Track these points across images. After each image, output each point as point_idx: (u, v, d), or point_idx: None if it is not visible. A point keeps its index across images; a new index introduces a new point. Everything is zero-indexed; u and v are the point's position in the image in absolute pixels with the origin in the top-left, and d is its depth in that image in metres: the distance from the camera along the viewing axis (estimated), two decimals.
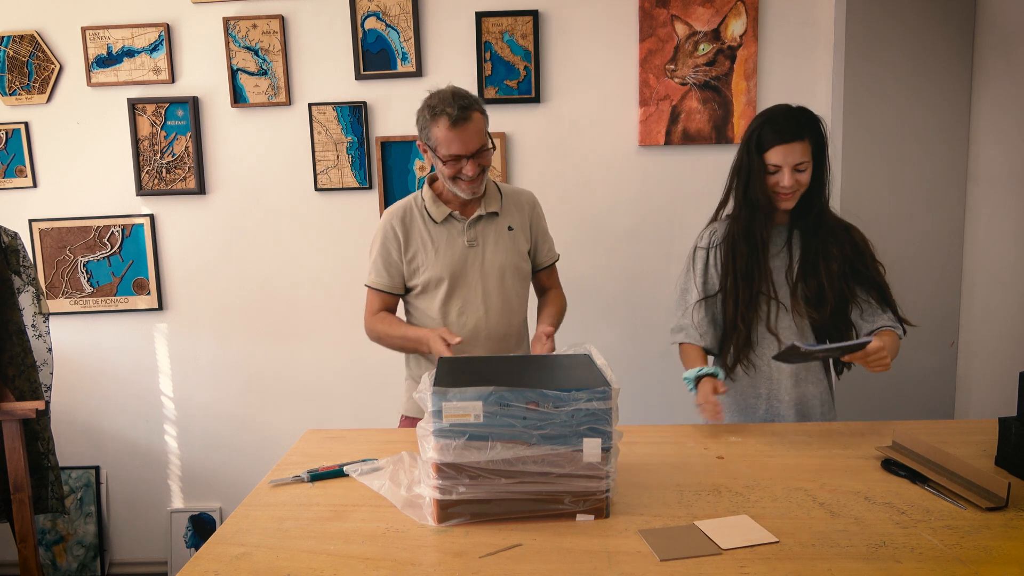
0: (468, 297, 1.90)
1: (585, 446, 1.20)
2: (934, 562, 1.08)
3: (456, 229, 1.91)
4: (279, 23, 2.61)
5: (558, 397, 1.19)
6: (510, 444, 1.20)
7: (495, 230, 1.93)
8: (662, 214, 2.68)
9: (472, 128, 1.77)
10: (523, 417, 1.19)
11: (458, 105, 1.75)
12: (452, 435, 1.19)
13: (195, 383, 2.84)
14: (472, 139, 1.78)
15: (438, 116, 1.76)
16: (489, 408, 1.19)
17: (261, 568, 1.12)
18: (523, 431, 1.20)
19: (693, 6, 2.54)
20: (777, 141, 1.70)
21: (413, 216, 1.92)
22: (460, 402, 1.19)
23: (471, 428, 1.19)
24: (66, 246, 2.76)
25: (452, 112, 1.74)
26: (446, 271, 1.89)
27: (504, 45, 2.58)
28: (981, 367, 2.50)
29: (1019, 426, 1.35)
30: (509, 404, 1.19)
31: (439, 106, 1.76)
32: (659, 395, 2.71)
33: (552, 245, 2.08)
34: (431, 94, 1.81)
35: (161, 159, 2.70)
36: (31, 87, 2.68)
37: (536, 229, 2.01)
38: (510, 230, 1.94)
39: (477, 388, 1.19)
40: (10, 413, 1.95)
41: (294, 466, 1.51)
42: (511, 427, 1.20)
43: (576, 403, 1.20)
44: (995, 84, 2.39)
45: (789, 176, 1.70)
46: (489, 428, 1.19)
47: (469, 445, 1.20)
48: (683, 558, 1.11)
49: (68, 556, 2.87)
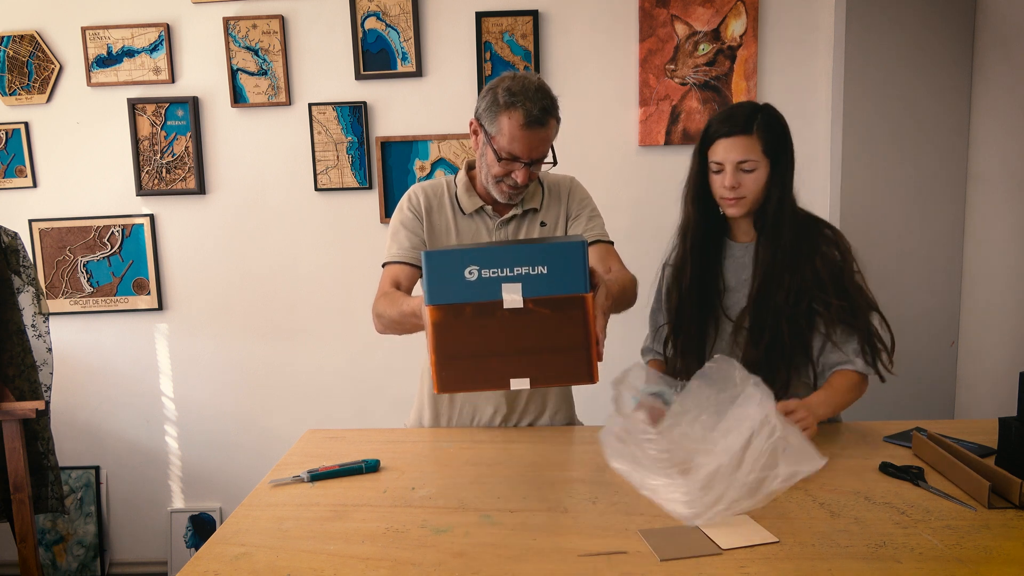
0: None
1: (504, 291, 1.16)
2: (934, 562, 1.08)
3: (486, 225, 1.70)
4: (279, 23, 2.61)
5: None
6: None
7: (527, 228, 1.71)
8: (662, 214, 2.67)
9: (544, 134, 1.56)
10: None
11: (541, 104, 1.53)
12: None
13: (195, 383, 2.84)
14: (539, 145, 1.57)
15: (514, 107, 1.52)
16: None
17: (261, 568, 1.12)
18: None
19: (693, 6, 2.54)
20: (717, 136, 1.53)
21: (443, 200, 1.71)
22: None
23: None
24: (66, 246, 2.76)
25: (532, 109, 1.52)
26: None
27: (504, 45, 2.58)
28: (981, 367, 2.50)
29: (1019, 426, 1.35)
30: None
31: (520, 97, 1.52)
32: None
33: (596, 223, 1.74)
34: (513, 76, 1.56)
35: (161, 159, 2.70)
36: (31, 87, 2.68)
37: (571, 212, 1.74)
38: (543, 226, 1.72)
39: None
40: (10, 413, 1.95)
41: (294, 466, 1.51)
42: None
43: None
44: (995, 84, 2.39)
45: (732, 175, 1.51)
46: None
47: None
48: (683, 558, 1.11)
49: (68, 556, 2.87)
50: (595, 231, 1.73)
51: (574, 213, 1.74)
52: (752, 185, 1.54)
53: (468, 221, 1.70)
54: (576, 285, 1.16)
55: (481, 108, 1.59)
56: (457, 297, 1.16)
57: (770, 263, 1.55)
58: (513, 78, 1.56)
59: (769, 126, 1.52)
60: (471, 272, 1.16)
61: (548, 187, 1.75)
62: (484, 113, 1.58)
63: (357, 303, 2.75)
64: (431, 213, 1.69)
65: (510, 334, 1.17)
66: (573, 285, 1.16)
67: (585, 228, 1.72)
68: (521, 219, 1.71)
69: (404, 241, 1.67)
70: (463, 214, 1.69)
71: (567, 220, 1.73)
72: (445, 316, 1.17)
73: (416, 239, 1.67)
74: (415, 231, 1.68)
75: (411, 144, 2.65)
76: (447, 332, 1.17)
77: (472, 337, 1.17)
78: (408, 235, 1.68)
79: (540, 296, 1.16)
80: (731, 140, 1.52)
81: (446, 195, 1.71)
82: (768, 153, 1.53)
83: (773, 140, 1.52)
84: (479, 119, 1.60)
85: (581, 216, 1.73)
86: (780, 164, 1.54)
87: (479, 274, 1.16)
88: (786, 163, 1.55)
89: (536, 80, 1.55)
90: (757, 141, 1.51)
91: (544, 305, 1.16)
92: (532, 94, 1.52)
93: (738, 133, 1.51)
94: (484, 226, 1.70)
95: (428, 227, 1.68)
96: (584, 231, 1.71)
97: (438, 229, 1.69)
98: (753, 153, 1.51)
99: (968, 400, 2.56)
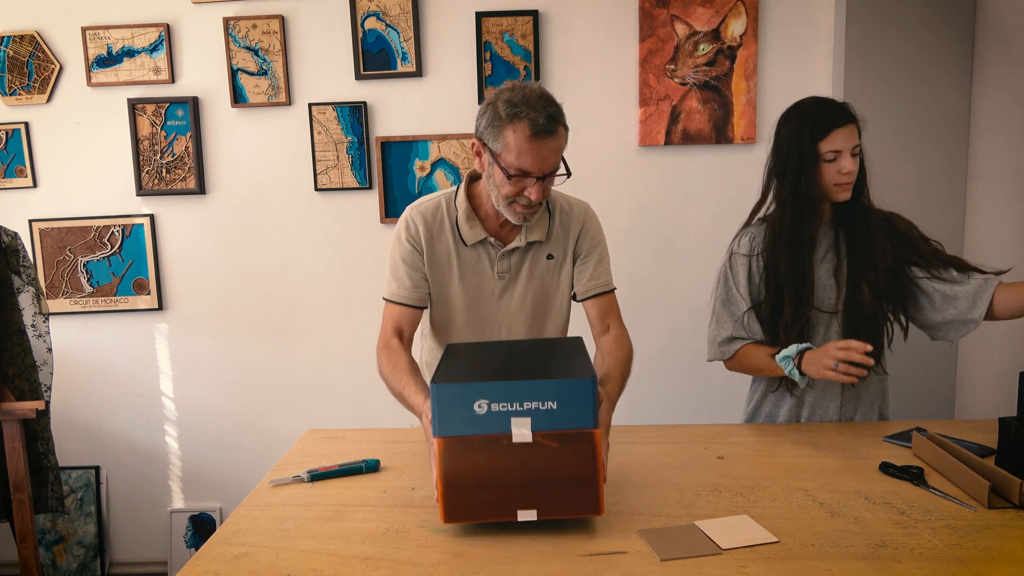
0: (489, 339, 1.64)
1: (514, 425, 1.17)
2: (934, 562, 1.08)
3: (488, 255, 1.62)
4: (279, 23, 2.61)
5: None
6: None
7: (532, 259, 1.63)
8: (662, 214, 2.68)
9: (554, 144, 1.45)
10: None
11: (546, 112, 1.42)
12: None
13: (195, 383, 2.84)
14: (550, 156, 1.45)
15: (519, 119, 1.41)
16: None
17: (261, 568, 1.12)
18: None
19: (693, 6, 2.54)
20: (833, 126, 1.61)
21: (443, 227, 1.61)
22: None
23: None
24: (66, 246, 2.76)
25: (538, 119, 1.41)
26: (465, 303, 1.63)
27: (504, 45, 2.58)
28: (981, 367, 2.50)
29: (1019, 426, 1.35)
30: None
31: (522, 107, 1.41)
32: (659, 395, 2.71)
33: (603, 269, 1.67)
34: (512, 87, 1.46)
35: (161, 159, 2.70)
36: (31, 87, 2.68)
37: (581, 249, 1.66)
38: (550, 259, 1.63)
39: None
40: (10, 413, 1.95)
41: (294, 466, 1.51)
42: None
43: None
44: (995, 83, 2.39)
45: (850, 160, 1.61)
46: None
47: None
48: (683, 558, 1.11)
49: (68, 556, 2.87)
50: (601, 279, 1.67)
51: (583, 253, 1.66)
52: (856, 169, 1.64)
53: (470, 251, 1.61)
54: (585, 421, 1.16)
55: (482, 126, 1.47)
56: (466, 430, 1.16)
57: (864, 235, 1.67)
58: (512, 89, 1.45)
59: (856, 117, 1.66)
60: (480, 406, 1.16)
61: (559, 215, 1.65)
62: (486, 131, 1.46)
63: (357, 303, 2.75)
64: (432, 243, 1.61)
65: (518, 466, 1.17)
66: (582, 421, 1.16)
67: (592, 276, 1.66)
68: (525, 251, 1.63)
69: (405, 279, 1.61)
70: (464, 245, 1.61)
71: (575, 259, 1.66)
72: (453, 448, 1.17)
73: (417, 275, 1.61)
74: (415, 266, 1.61)
75: (411, 144, 2.65)
76: (455, 463, 1.17)
77: (480, 468, 1.17)
78: (408, 271, 1.61)
79: (549, 431, 1.16)
80: (847, 129, 1.61)
81: (447, 221, 1.61)
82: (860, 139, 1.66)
83: (858, 129, 1.66)
84: (481, 138, 1.49)
85: (590, 260, 1.66)
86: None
87: (488, 408, 1.16)
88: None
89: (537, 88, 1.46)
90: (856, 128, 1.64)
91: (552, 439, 1.17)
92: (535, 102, 1.42)
93: (850, 122, 1.62)
94: (486, 256, 1.62)
95: (429, 258, 1.61)
96: (590, 279, 1.66)
97: (440, 261, 1.62)
98: (858, 138, 1.64)
99: (968, 400, 2.56)
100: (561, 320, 1.71)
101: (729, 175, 2.63)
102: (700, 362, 1.79)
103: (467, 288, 1.63)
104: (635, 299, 2.71)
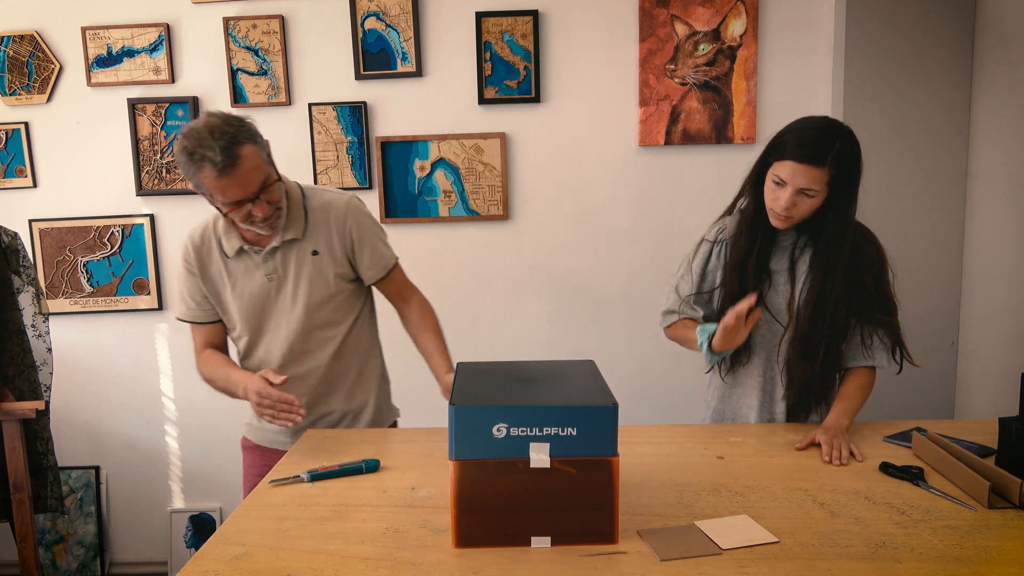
0: (273, 341, 1.72)
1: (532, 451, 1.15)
2: (934, 562, 1.08)
3: (253, 261, 1.68)
4: (279, 23, 2.61)
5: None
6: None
7: (297, 258, 1.68)
8: (662, 214, 2.68)
9: (246, 167, 1.50)
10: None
11: (220, 146, 1.46)
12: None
13: (195, 383, 2.80)
14: (250, 179, 1.51)
15: (202, 164, 1.48)
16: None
17: (261, 568, 1.12)
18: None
19: (693, 6, 2.54)
20: (789, 157, 1.49)
21: (211, 246, 1.70)
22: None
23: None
24: (66, 246, 2.76)
25: (215, 158, 1.46)
26: (243, 311, 1.71)
27: (504, 45, 2.58)
28: (981, 367, 2.50)
29: (1019, 426, 1.35)
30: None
31: (198, 151, 1.47)
32: (658, 395, 2.71)
33: (382, 249, 1.76)
34: (186, 132, 1.51)
35: (161, 159, 2.70)
36: (31, 87, 2.68)
37: (352, 240, 1.71)
38: (315, 255, 1.69)
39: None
40: (10, 413, 1.95)
41: (294, 466, 1.51)
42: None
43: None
44: (995, 84, 2.39)
45: (790, 198, 1.50)
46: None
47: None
48: (683, 558, 1.11)
49: (68, 556, 2.87)
50: (380, 262, 1.75)
51: (354, 244, 1.71)
52: (806, 209, 1.54)
53: (236, 263, 1.69)
54: (605, 448, 1.15)
55: (183, 173, 1.56)
56: (483, 453, 1.15)
57: (824, 255, 1.58)
58: (187, 134, 1.50)
59: (843, 158, 1.49)
60: (499, 429, 1.14)
61: (312, 212, 1.70)
62: (188, 178, 1.55)
63: None
64: (204, 265, 1.71)
65: (533, 491, 1.16)
66: (602, 448, 1.15)
67: (370, 263, 1.73)
68: (288, 248, 1.68)
69: (190, 301, 1.76)
70: (227, 257, 1.69)
71: (348, 252, 1.72)
72: (468, 471, 1.15)
73: (199, 295, 1.74)
74: (195, 287, 1.73)
75: (411, 144, 2.65)
76: (469, 486, 1.16)
77: (494, 492, 1.16)
78: (191, 292, 1.74)
79: (567, 457, 1.15)
80: (801, 167, 1.48)
81: (213, 240, 1.70)
82: (832, 185, 1.51)
83: (842, 174, 1.50)
84: (192, 185, 1.57)
85: (363, 249, 1.72)
86: (843, 192, 1.53)
87: (507, 432, 1.15)
88: (851, 190, 1.54)
89: (205, 123, 1.49)
90: (826, 173, 1.48)
91: (570, 465, 1.15)
92: (208, 141, 1.47)
93: (809, 163, 1.47)
94: (252, 262, 1.69)
95: (203, 278, 1.72)
96: (369, 267, 1.74)
97: (213, 278, 1.72)
98: (818, 184, 1.49)
99: (968, 400, 2.56)
100: (340, 313, 1.75)
101: (729, 175, 2.60)
102: (700, 362, 1.79)
103: (239, 296, 1.71)
104: (635, 299, 2.71)
